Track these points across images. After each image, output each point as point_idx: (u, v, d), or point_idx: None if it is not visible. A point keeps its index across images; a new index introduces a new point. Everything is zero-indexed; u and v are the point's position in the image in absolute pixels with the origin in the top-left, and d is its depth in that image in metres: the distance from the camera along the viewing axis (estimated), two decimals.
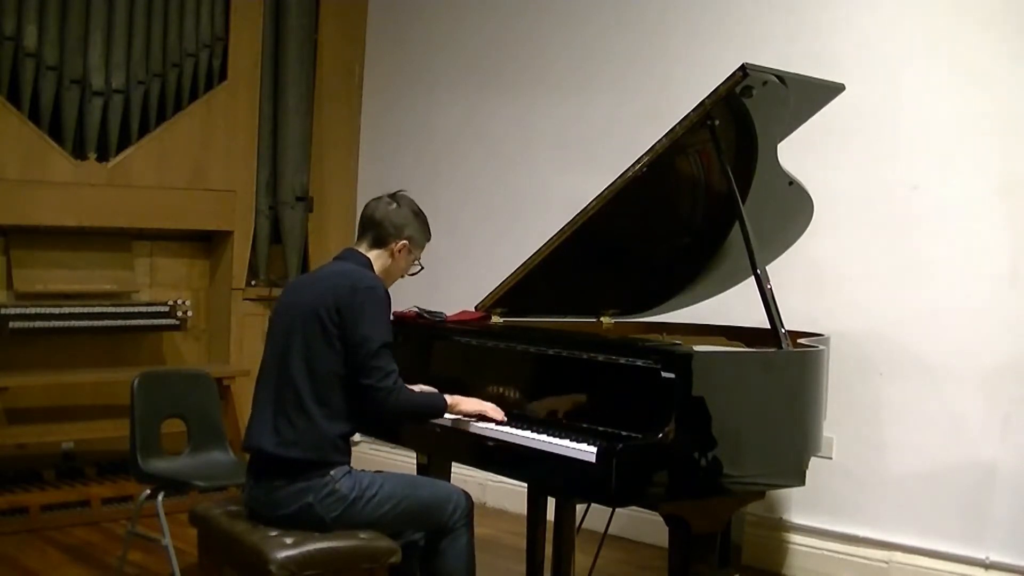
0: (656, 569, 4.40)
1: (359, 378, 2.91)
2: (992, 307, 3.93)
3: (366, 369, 2.89)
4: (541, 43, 5.44)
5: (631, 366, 2.79)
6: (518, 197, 5.47)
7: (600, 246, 3.40)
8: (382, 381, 2.90)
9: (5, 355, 5.02)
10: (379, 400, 2.92)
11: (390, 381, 2.91)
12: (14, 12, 4.98)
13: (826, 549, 4.30)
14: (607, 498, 2.74)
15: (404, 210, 3.13)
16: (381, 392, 2.90)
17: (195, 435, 4.08)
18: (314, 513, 2.90)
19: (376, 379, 2.89)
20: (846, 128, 4.17)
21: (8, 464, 4.96)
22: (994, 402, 3.93)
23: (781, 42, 4.41)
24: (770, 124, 3.24)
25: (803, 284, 4.23)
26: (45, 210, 5.12)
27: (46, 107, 5.10)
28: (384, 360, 2.91)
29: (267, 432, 2.94)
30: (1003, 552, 3.88)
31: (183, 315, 5.46)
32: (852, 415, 4.18)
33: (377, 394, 2.91)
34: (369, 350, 2.89)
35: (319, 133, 6.22)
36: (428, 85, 5.98)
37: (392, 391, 2.91)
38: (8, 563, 4.24)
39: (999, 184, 3.94)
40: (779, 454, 2.94)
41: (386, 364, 2.91)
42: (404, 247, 3.12)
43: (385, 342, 2.92)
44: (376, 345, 2.89)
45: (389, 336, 2.95)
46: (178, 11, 5.50)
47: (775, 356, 2.99)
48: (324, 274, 3.09)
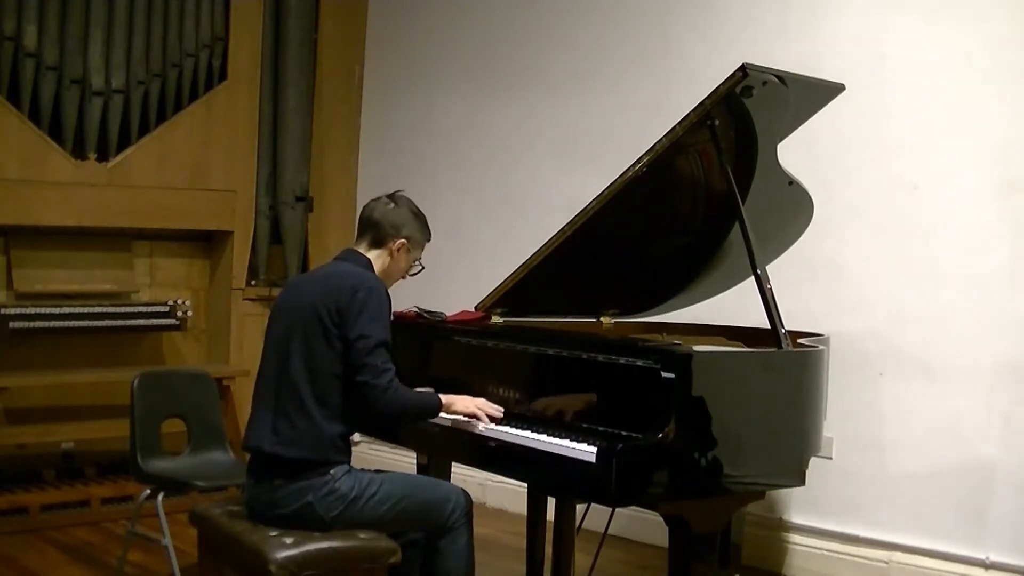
0: (656, 569, 4.40)
1: (354, 375, 2.90)
2: (992, 307, 3.93)
3: (361, 366, 2.89)
4: (541, 43, 5.45)
5: (631, 366, 2.79)
6: (518, 197, 5.47)
7: (600, 246, 3.40)
8: (376, 379, 2.89)
9: (5, 355, 5.02)
10: (373, 398, 2.90)
11: (384, 379, 2.90)
12: (14, 12, 4.98)
13: (826, 549, 4.30)
14: (607, 498, 2.75)
15: (402, 210, 3.13)
16: (375, 390, 2.89)
17: (195, 435, 4.08)
18: (314, 512, 2.90)
19: (370, 376, 2.88)
20: (846, 128, 4.17)
21: (8, 464, 4.96)
22: (994, 402, 3.93)
23: (781, 42, 4.41)
24: (770, 124, 3.24)
25: (803, 284, 4.22)
26: (45, 210, 5.12)
27: (46, 107, 5.10)
28: (380, 358, 2.90)
29: (267, 432, 2.94)
30: (1003, 552, 3.88)
31: (183, 315, 5.46)
32: (852, 415, 4.18)
33: (371, 391, 2.89)
34: (365, 347, 2.88)
35: (319, 133, 6.22)
36: (428, 85, 5.98)
37: (386, 389, 2.90)
38: (8, 563, 4.25)
39: (999, 184, 3.94)
40: (779, 454, 2.94)
41: (381, 362, 2.90)
42: (403, 247, 3.12)
43: (382, 341, 2.91)
44: (372, 343, 2.89)
45: (387, 336, 2.94)
46: (178, 11, 5.50)
47: (775, 356, 2.99)
48: (324, 274, 3.09)
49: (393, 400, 2.93)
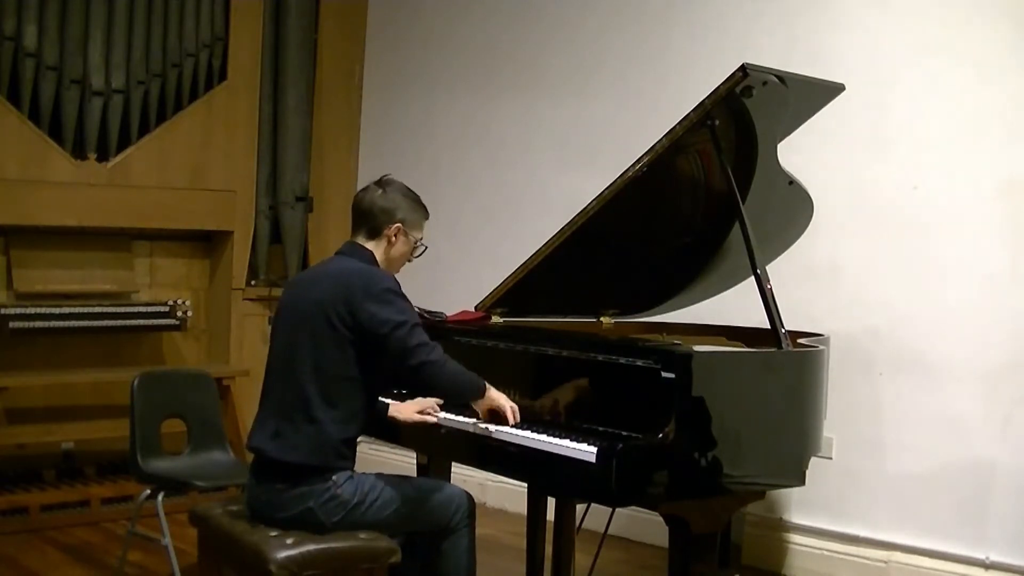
0: (656, 569, 4.40)
1: (405, 363, 2.85)
2: (992, 307, 3.94)
3: (408, 351, 2.84)
4: (541, 43, 5.45)
5: (631, 366, 2.79)
6: (518, 197, 5.47)
7: (600, 246, 3.40)
8: (431, 354, 2.85)
9: (5, 355, 5.02)
10: (433, 374, 2.87)
11: (436, 354, 2.87)
12: (14, 12, 4.98)
13: (826, 549, 4.30)
14: (607, 498, 2.75)
15: (392, 194, 3.07)
16: (434, 366, 2.86)
17: (195, 435, 4.08)
18: (315, 517, 2.88)
19: (424, 355, 2.84)
20: (846, 128, 4.17)
21: (8, 464, 4.96)
22: (994, 402, 3.93)
23: (781, 42, 4.42)
24: (770, 124, 3.24)
25: (803, 284, 4.23)
26: (45, 210, 5.12)
27: (46, 107, 5.10)
28: (421, 338, 2.86)
29: (270, 434, 2.93)
30: (1003, 552, 3.88)
31: (183, 315, 5.45)
32: (852, 415, 4.18)
33: (430, 368, 2.85)
34: (402, 334, 2.84)
35: (319, 133, 6.22)
36: (428, 85, 5.98)
37: (444, 363, 2.88)
38: (8, 563, 4.25)
39: (999, 184, 3.94)
40: (779, 454, 2.94)
41: (426, 340, 2.87)
42: (399, 230, 3.06)
43: (415, 323, 2.88)
44: (407, 328, 2.85)
45: (416, 317, 2.91)
46: (178, 11, 5.50)
47: (775, 356, 2.99)
48: (331, 272, 3.01)
49: (453, 371, 2.91)
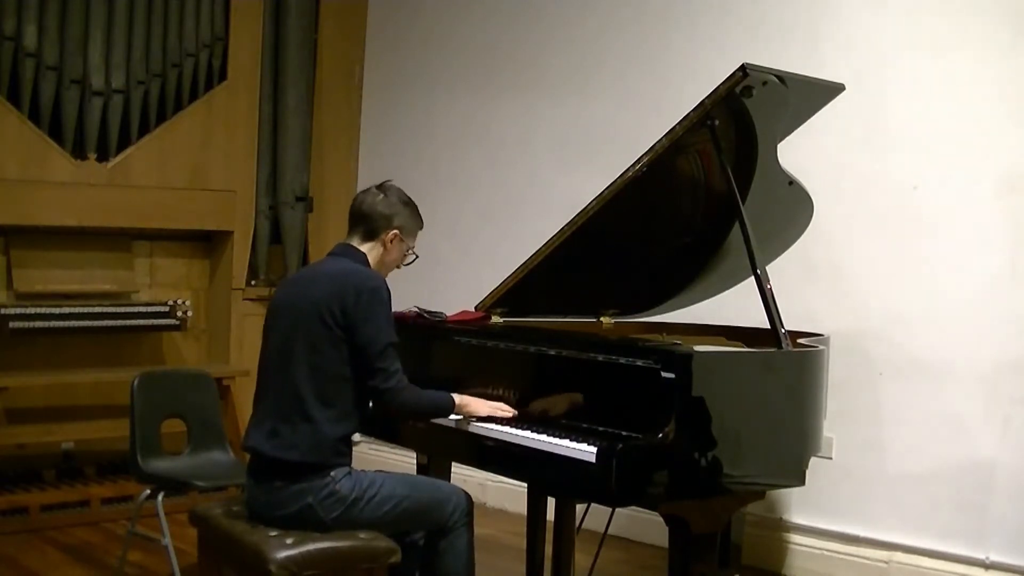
0: (656, 569, 4.40)
1: (366, 380, 2.92)
2: (992, 307, 3.93)
3: (372, 371, 2.91)
4: (541, 43, 5.45)
5: (631, 366, 2.79)
6: (518, 197, 5.47)
7: (600, 246, 3.40)
8: (387, 382, 2.91)
9: (5, 355, 5.02)
10: (386, 401, 2.94)
11: (393, 381, 2.92)
12: (14, 12, 4.98)
13: (826, 549, 4.30)
14: (607, 498, 2.75)
15: (392, 200, 3.10)
16: (388, 393, 2.92)
17: (195, 435, 4.08)
18: (314, 514, 2.89)
19: (380, 380, 2.91)
20: (846, 128, 4.17)
21: (8, 464, 4.96)
22: (994, 402, 3.93)
23: (781, 41, 4.42)
24: (770, 124, 3.24)
25: (803, 284, 4.23)
26: (45, 210, 5.12)
27: (46, 107, 5.10)
28: (389, 361, 2.92)
29: (266, 433, 2.93)
30: (1003, 552, 3.88)
31: (183, 315, 5.45)
32: (852, 415, 4.18)
33: (384, 395, 2.93)
34: (375, 351, 2.90)
35: (319, 133, 6.22)
36: (428, 85, 5.98)
37: (399, 392, 2.93)
38: (8, 563, 4.25)
39: (999, 183, 3.94)
40: (779, 454, 2.94)
41: (390, 364, 2.92)
42: (395, 237, 3.09)
43: (390, 342, 2.93)
44: (381, 346, 2.90)
45: (393, 336, 2.95)
46: (178, 11, 5.50)
47: (775, 356, 2.99)
48: (324, 272, 3.04)
49: (406, 401, 2.97)
